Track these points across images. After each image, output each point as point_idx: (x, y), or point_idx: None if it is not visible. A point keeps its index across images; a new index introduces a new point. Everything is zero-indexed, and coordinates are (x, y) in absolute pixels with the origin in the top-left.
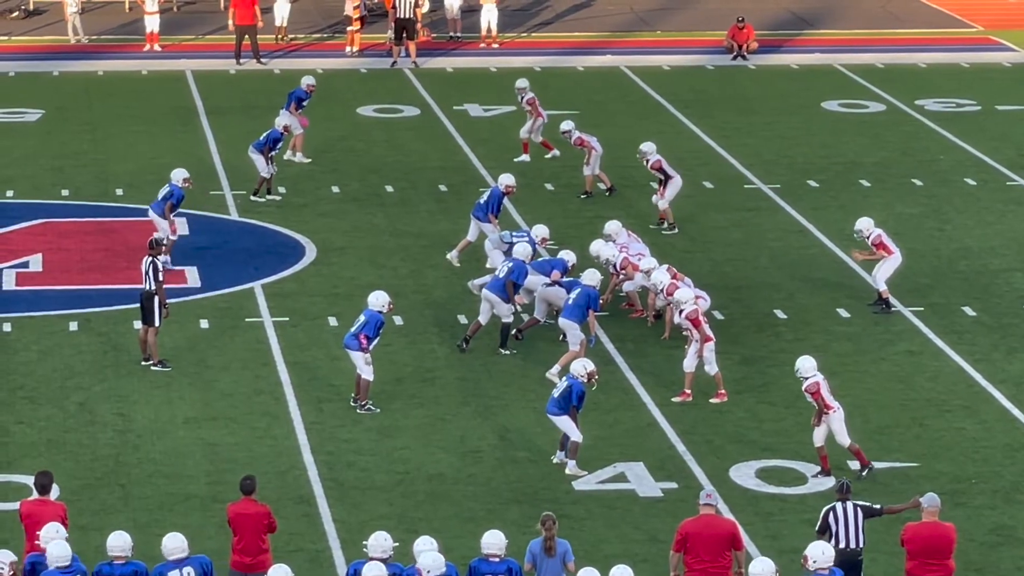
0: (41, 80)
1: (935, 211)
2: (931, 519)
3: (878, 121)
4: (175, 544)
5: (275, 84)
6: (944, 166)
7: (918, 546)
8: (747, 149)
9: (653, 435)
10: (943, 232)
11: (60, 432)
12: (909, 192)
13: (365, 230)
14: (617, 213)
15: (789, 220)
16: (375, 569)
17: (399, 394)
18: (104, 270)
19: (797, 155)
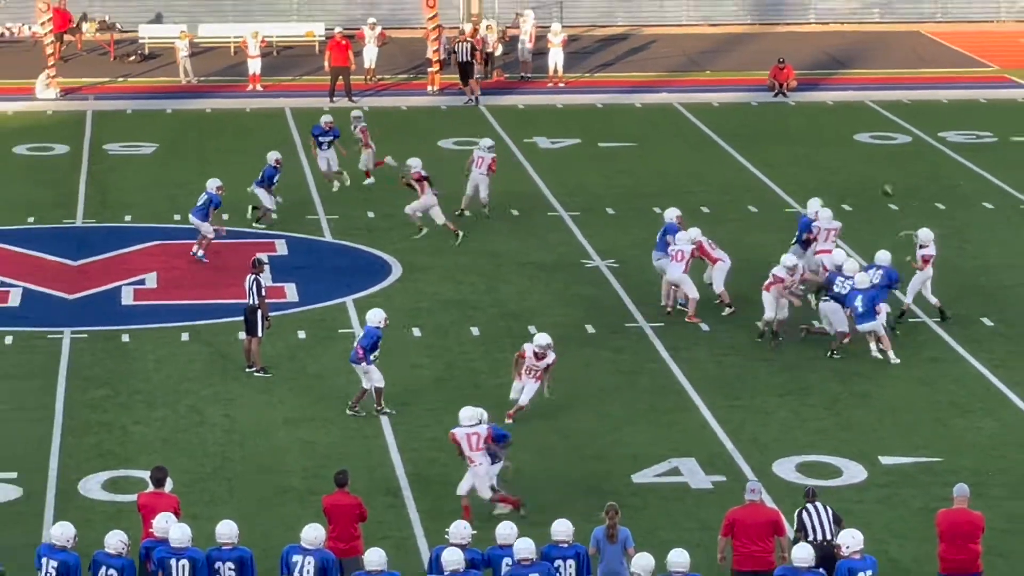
0: (155, 117)
1: (957, 232)
2: (960, 506)
3: (905, 151)
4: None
5: (366, 120)
6: (965, 191)
7: (948, 530)
8: (787, 177)
9: (704, 434)
10: (964, 251)
11: (173, 432)
12: (933, 215)
13: (445, 250)
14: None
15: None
16: (454, 554)
17: (477, 397)
18: (211, 287)
19: (833, 182)
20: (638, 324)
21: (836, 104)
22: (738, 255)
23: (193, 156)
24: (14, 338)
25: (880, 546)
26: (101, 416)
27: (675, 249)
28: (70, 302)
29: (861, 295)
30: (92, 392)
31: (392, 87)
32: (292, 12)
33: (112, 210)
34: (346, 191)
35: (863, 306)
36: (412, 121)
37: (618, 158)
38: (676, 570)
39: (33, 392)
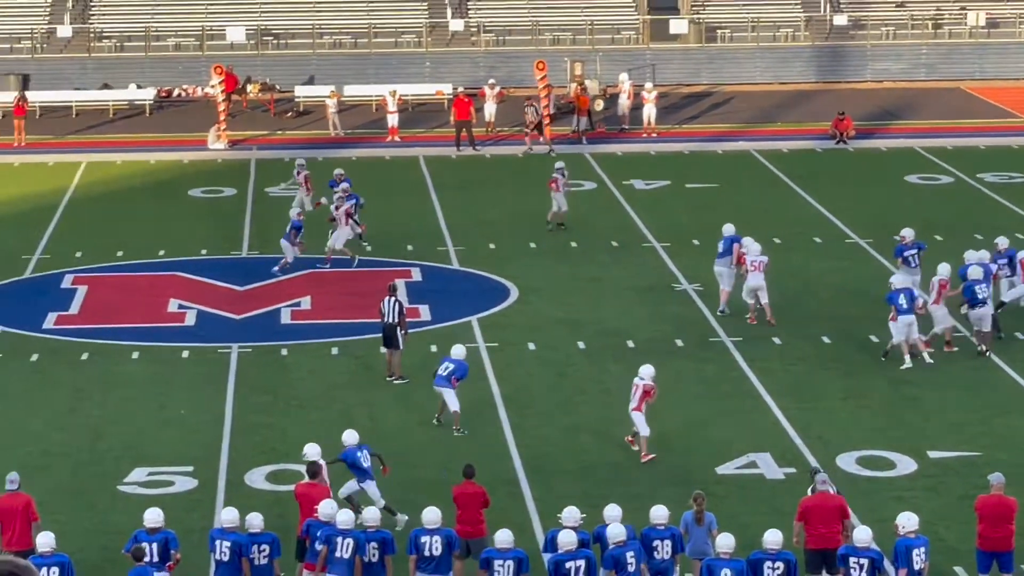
0: (308, 164)
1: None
2: (997, 492)
3: (948, 190)
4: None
5: (487, 166)
6: (999, 223)
7: (986, 513)
8: (847, 212)
9: (777, 432)
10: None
11: (324, 432)
12: (972, 244)
13: (555, 275)
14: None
15: (880, 266)
16: (568, 536)
17: (584, 401)
18: (357, 308)
19: (885, 216)
20: (720, 339)
21: (889, 150)
22: (805, 280)
23: None
24: (190, 352)
25: (929, 528)
26: (264, 419)
27: (757, 260)
28: (237, 322)
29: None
30: (256, 398)
31: (510, 137)
32: (424, 74)
33: (272, 243)
34: (471, 227)
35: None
36: (527, 166)
37: (702, 197)
38: (771, 547)
39: (206, 398)
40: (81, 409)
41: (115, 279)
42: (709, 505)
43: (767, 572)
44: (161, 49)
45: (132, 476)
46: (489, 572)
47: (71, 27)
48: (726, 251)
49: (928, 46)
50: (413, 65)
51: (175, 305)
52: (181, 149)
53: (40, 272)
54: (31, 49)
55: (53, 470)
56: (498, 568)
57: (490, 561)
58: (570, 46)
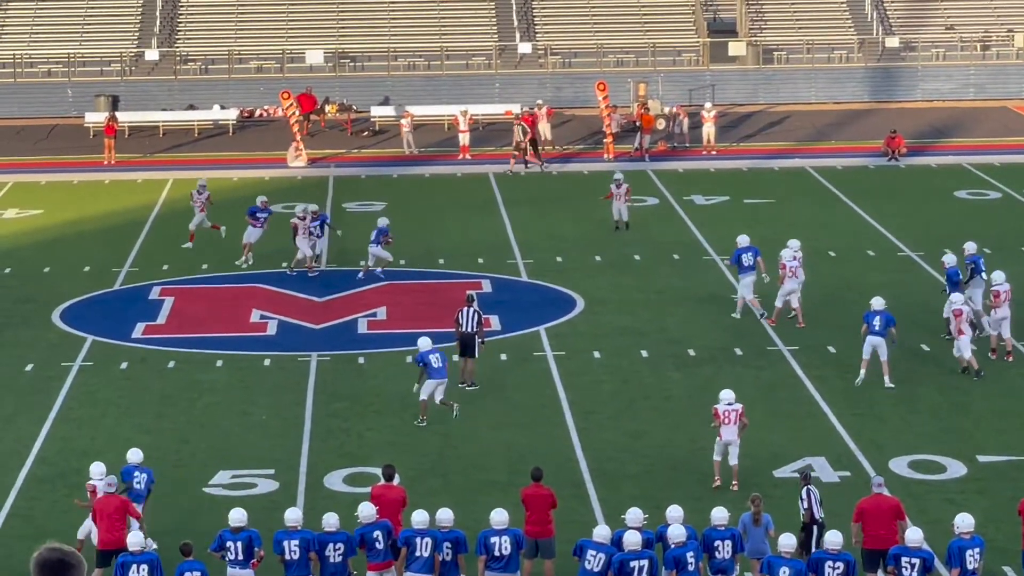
0: (385, 181)
1: None
2: None
3: (996, 205)
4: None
5: (552, 182)
6: None
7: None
8: (899, 227)
9: (831, 437)
10: None
11: (400, 436)
12: (1019, 258)
13: (619, 287)
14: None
15: (931, 278)
16: (634, 536)
17: (646, 407)
18: (430, 319)
19: (936, 230)
20: (777, 347)
21: (939, 167)
22: (859, 291)
23: (415, 212)
24: (271, 361)
25: (979, 529)
26: (342, 423)
27: (793, 265)
28: (317, 331)
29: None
30: (334, 404)
31: (575, 155)
32: (494, 95)
33: (350, 257)
34: (539, 241)
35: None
36: (591, 184)
37: (760, 212)
38: (832, 548)
39: (287, 405)
40: (168, 415)
41: (200, 291)
42: (766, 507)
43: (828, 571)
44: (243, 71)
45: (216, 479)
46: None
47: (158, 51)
48: (736, 261)
49: (976, 67)
50: (483, 86)
51: (257, 316)
52: (262, 167)
53: (129, 284)
54: (120, 72)
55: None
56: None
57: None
58: (633, 67)
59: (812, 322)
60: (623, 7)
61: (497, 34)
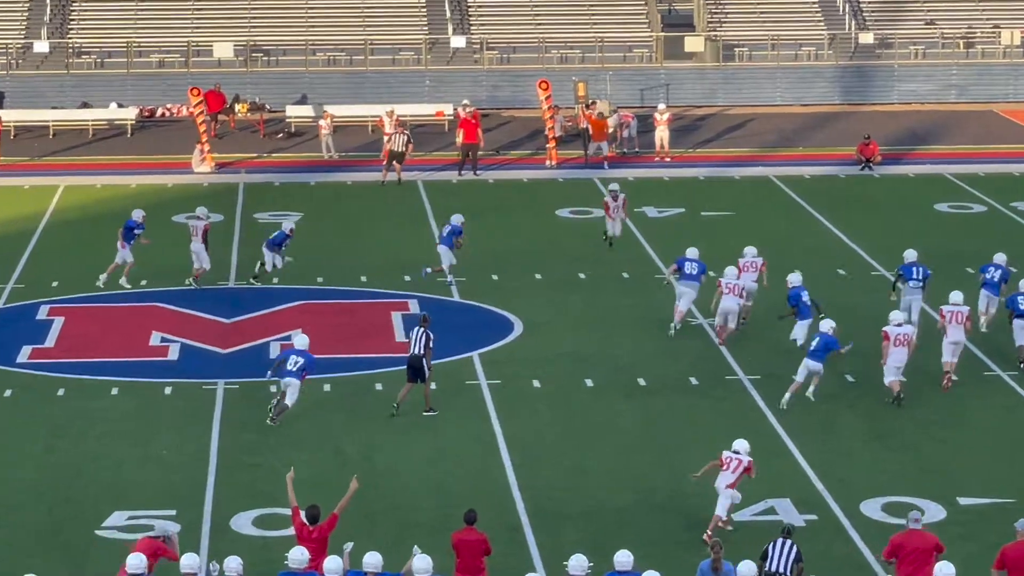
0: (301, 189)
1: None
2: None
3: (980, 220)
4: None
5: (488, 191)
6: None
7: (1013, 562)
8: (873, 242)
9: (797, 476)
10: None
11: (317, 472)
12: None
13: (562, 308)
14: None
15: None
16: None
17: (590, 440)
18: (351, 342)
19: (914, 247)
20: (738, 376)
21: (917, 176)
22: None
23: (335, 224)
24: (173, 388)
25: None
26: (252, 458)
27: (731, 283)
28: (224, 356)
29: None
30: (243, 437)
31: (514, 161)
32: (423, 94)
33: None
34: (473, 257)
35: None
36: (532, 192)
37: (718, 226)
38: None
39: (190, 437)
40: (58, 448)
41: (94, 310)
42: (725, 554)
43: None
44: (144, 66)
45: (110, 520)
46: None
47: (48, 42)
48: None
49: (959, 66)
50: (412, 84)
51: (157, 338)
52: (164, 172)
53: (14, 303)
54: (6, 65)
55: (28, 511)
56: None
57: None
58: (578, 64)
59: (776, 349)
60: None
61: (428, 26)
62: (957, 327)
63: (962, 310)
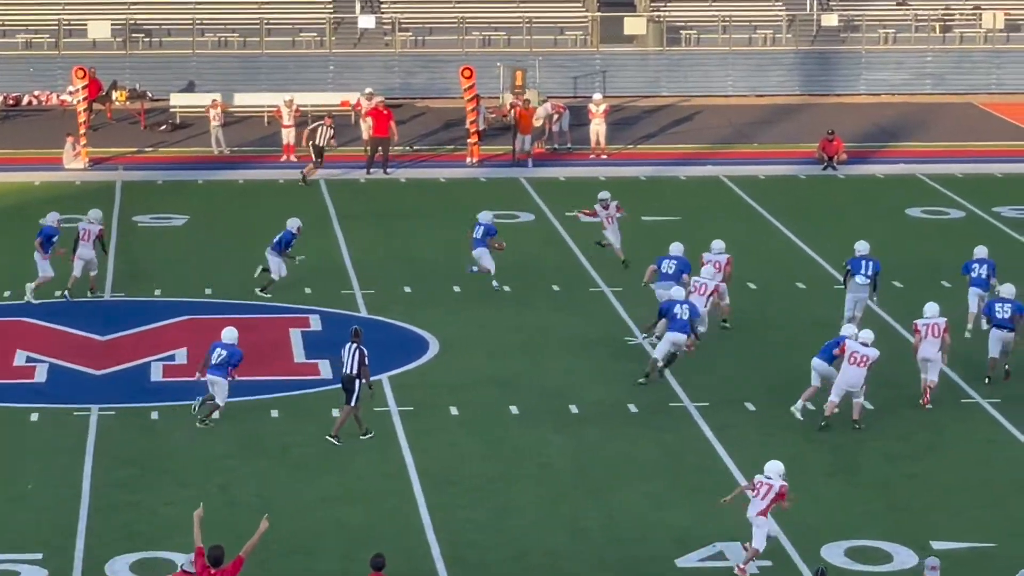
0: (187, 188)
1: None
2: None
3: (958, 227)
4: None
5: (401, 192)
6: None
7: None
8: (837, 253)
9: None
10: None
11: (205, 511)
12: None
13: (484, 325)
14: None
15: (876, 317)
16: None
17: (517, 478)
18: (245, 363)
19: (883, 258)
20: (682, 403)
21: (887, 177)
22: (786, 334)
23: (225, 229)
24: (40, 415)
25: None
26: (129, 496)
27: (700, 282)
28: (97, 378)
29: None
30: (120, 471)
31: (431, 158)
32: (327, 81)
33: (141, 284)
34: (382, 266)
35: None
36: (451, 194)
37: (662, 233)
38: None
39: (59, 471)
40: None
41: None
42: None
43: None
44: (8, 47)
45: None
46: None
47: None
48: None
49: (934, 52)
50: (314, 69)
51: (22, 358)
52: (32, 168)
53: None
54: None
55: None
56: None
57: None
58: (503, 49)
59: (727, 372)
60: None
61: (332, 4)
62: (934, 340)
63: (938, 322)
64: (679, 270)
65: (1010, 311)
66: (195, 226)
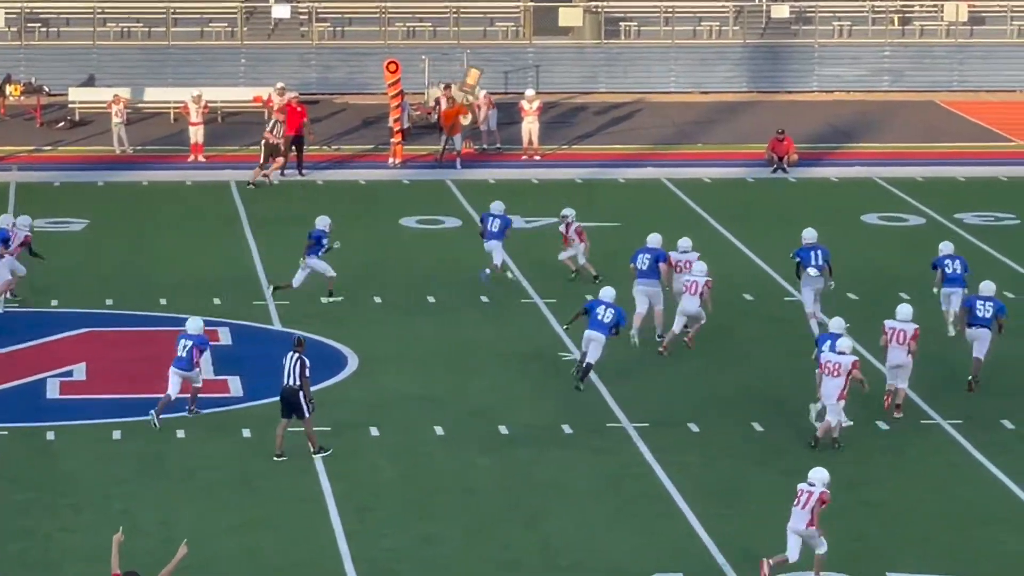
0: (86, 190)
1: None
2: None
3: (917, 234)
4: None
5: (317, 194)
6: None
7: None
8: (788, 263)
9: (692, 546)
10: None
11: (103, 539)
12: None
13: (407, 340)
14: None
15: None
16: None
17: (442, 504)
18: (148, 379)
19: (836, 267)
20: (620, 424)
21: (841, 181)
22: (733, 349)
23: (128, 234)
24: None
25: None
26: (23, 522)
27: (690, 280)
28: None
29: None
30: (13, 496)
31: (350, 159)
32: (239, 74)
33: (37, 294)
34: (295, 273)
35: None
36: (372, 196)
37: (599, 239)
38: None
39: None
40: None
41: None
42: None
43: None
44: None
45: None
46: None
47: None
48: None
49: (893, 47)
50: (224, 62)
51: None
52: None
53: None
54: None
55: None
56: None
57: None
58: (429, 41)
59: (669, 389)
60: None
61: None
62: (899, 348)
63: (905, 329)
64: (654, 260)
65: (991, 310)
66: (95, 231)
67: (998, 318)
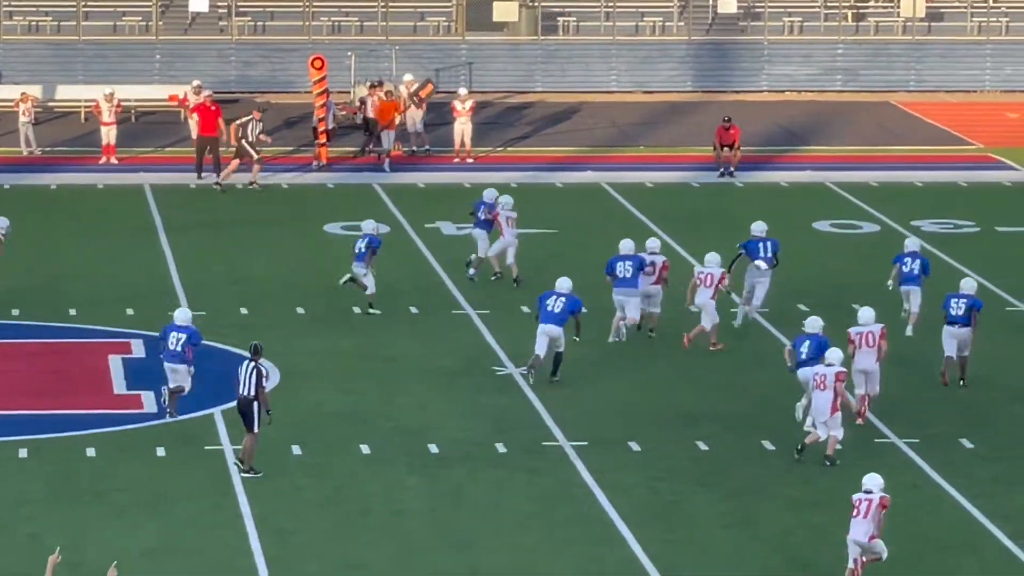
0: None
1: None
2: None
3: (872, 242)
4: None
5: (237, 197)
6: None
7: None
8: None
9: (633, 573)
10: (939, 360)
11: (7, 567)
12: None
13: (331, 353)
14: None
15: (778, 345)
16: None
17: (368, 527)
18: (56, 394)
19: (786, 277)
20: (557, 443)
21: (791, 186)
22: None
23: (35, 240)
24: None
25: None
26: None
27: (704, 272)
28: None
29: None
30: None
31: (271, 161)
32: (154, 72)
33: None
34: (216, 285)
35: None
36: (294, 200)
37: (535, 247)
38: None
39: None
40: None
41: None
42: None
43: None
44: None
45: None
46: None
47: None
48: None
49: (846, 44)
50: (138, 59)
51: None
52: None
53: None
54: None
55: None
56: None
57: None
58: (355, 36)
59: (609, 404)
60: None
61: None
62: (869, 350)
63: (873, 330)
64: (637, 267)
65: (964, 307)
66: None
67: (972, 312)
